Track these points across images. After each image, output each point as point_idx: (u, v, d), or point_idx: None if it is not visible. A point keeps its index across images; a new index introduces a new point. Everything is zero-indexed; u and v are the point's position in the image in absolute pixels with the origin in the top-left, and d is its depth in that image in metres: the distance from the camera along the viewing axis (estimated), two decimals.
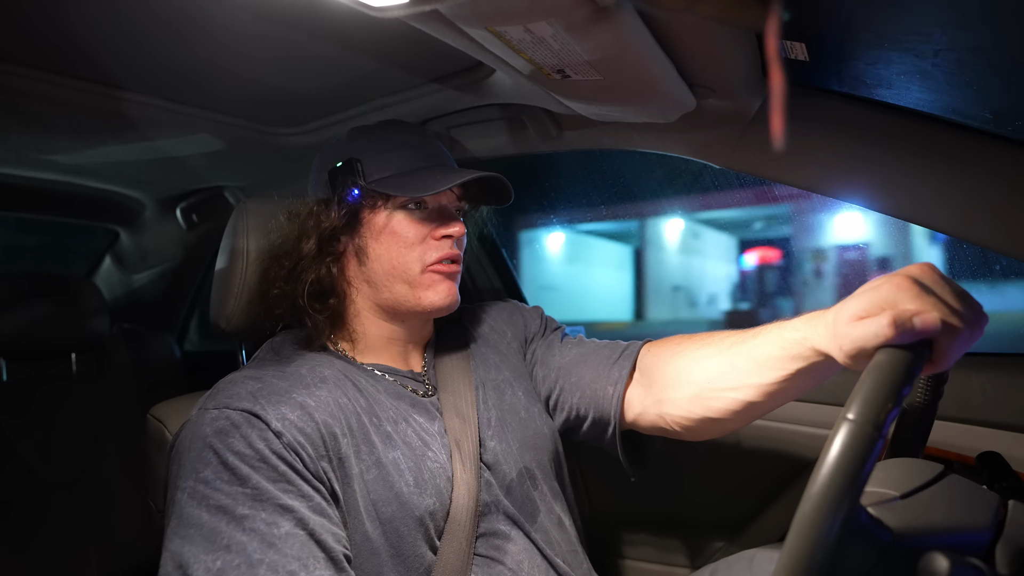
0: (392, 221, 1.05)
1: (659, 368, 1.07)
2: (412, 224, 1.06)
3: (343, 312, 1.09)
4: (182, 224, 2.18)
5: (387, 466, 0.94)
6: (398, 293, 1.06)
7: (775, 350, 0.85)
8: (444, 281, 1.07)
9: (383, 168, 1.06)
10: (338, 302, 1.07)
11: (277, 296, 1.07)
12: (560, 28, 0.79)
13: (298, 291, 1.05)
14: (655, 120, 1.16)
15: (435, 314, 1.10)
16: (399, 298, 1.06)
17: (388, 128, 1.13)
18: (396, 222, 1.05)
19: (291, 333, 1.10)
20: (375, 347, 1.10)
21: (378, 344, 1.10)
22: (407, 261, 1.05)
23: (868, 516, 0.60)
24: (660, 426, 1.07)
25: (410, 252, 1.05)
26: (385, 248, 1.05)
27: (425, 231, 1.06)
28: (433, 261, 1.06)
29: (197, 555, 0.77)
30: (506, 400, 1.14)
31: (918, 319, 0.62)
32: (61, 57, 1.10)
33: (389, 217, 1.06)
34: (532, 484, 1.09)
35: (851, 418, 0.55)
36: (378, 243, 1.06)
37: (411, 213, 1.06)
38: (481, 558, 0.98)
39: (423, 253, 1.06)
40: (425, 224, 1.07)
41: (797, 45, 0.96)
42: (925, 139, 1.05)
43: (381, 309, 1.09)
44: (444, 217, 1.08)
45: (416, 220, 1.06)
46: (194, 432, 0.86)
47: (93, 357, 2.04)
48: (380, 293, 1.07)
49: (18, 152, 1.53)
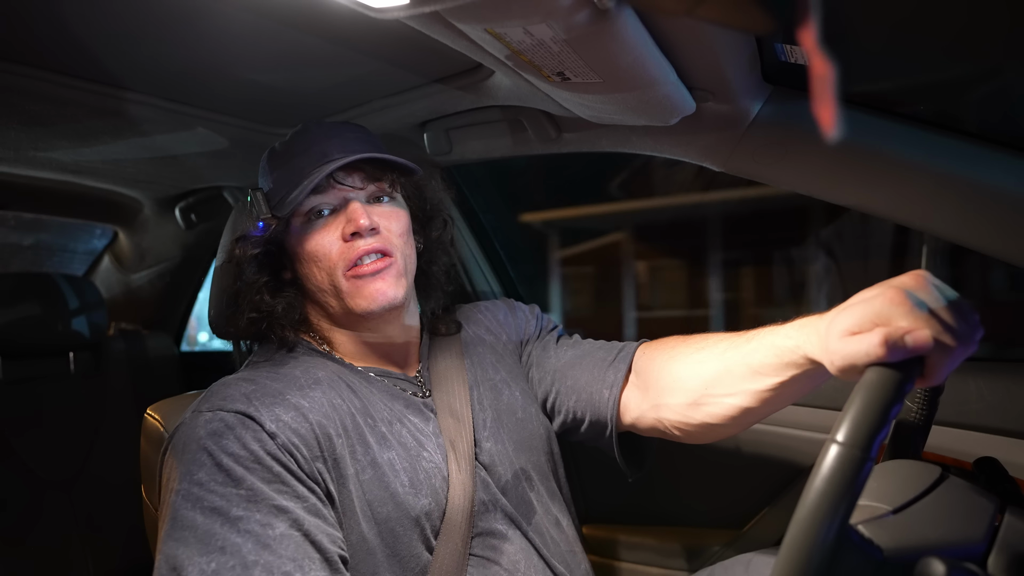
0: (303, 239, 1.04)
1: (655, 372, 1.07)
2: (319, 234, 1.02)
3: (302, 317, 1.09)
4: (181, 224, 2.18)
5: (382, 466, 0.94)
6: (336, 306, 1.05)
7: (769, 357, 0.85)
8: (368, 283, 1.01)
9: (279, 188, 1.04)
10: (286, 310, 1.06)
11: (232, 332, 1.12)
12: (560, 30, 0.79)
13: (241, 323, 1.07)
14: (654, 123, 1.16)
15: (377, 316, 1.04)
16: (340, 310, 1.05)
17: (290, 139, 1.09)
18: (306, 239, 1.03)
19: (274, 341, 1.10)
20: (364, 352, 1.09)
21: (366, 348, 1.09)
22: (326, 275, 1.02)
23: (859, 536, 0.60)
24: (658, 429, 1.07)
25: (324, 264, 1.02)
26: (307, 268, 1.04)
27: (333, 236, 1.02)
28: (349, 264, 1.01)
29: (192, 557, 0.77)
30: (503, 400, 1.14)
31: (910, 338, 0.62)
32: (60, 56, 1.10)
33: (298, 235, 1.04)
34: (528, 485, 1.09)
35: (840, 440, 0.55)
36: (301, 265, 1.05)
37: (314, 224, 1.03)
38: (477, 558, 0.98)
39: (336, 260, 1.01)
40: (331, 229, 1.02)
41: (796, 49, 0.96)
42: (924, 143, 1.05)
43: (340, 321, 1.08)
44: (347, 214, 1.02)
45: (321, 229, 1.02)
46: (188, 434, 0.85)
47: (91, 356, 2.04)
48: (327, 310, 1.07)
49: (17, 151, 1.53)
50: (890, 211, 1.09)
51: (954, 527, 0.67)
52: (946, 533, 0.66)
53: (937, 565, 0.56)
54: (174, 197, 2.13)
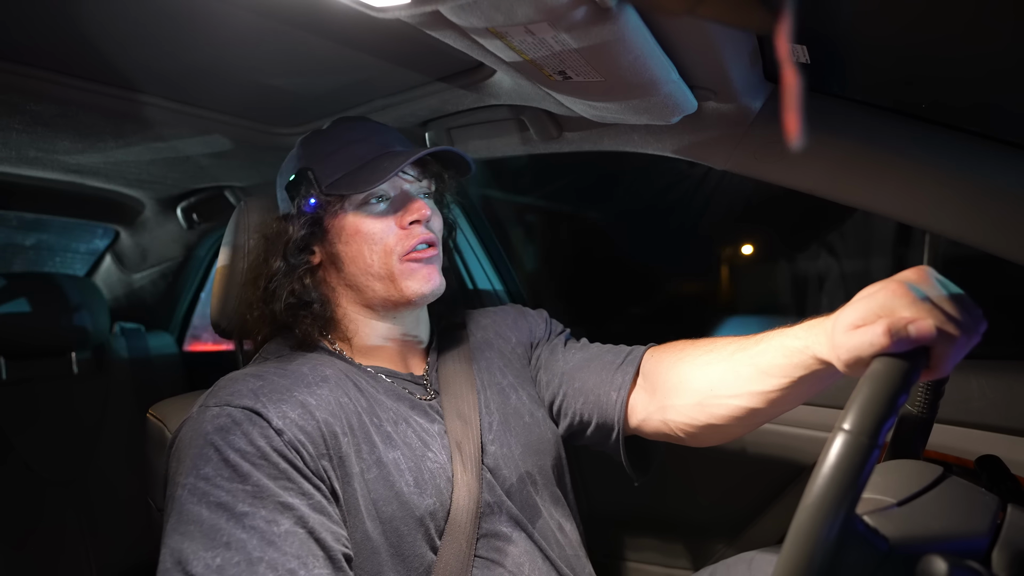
0: (357, 221, 1.05)
1: (662, 374, 1.07)
2: (376, 219, 1.05)
3: (330, 315, 1.08)
4: (182, 223, 2.18)
5: (387, 465, 0.94)
6: (379, 290, 1.05)
7: (777, 358, 0.85)
8: (422, 267, 1.06)
9: (335, 170, 1.05)
10: (322, 307, 1.07)
11: (258, 318, 1.08)
12: (561, 29, 0.79)
13: (276, 309, 1.05)
14: (656, 122, 1.16)
15: (421, 302, 1.08)
16: (382, 295, 1.06)
17: (336, 128, 1.12)
18: (360, 221, 1.05)
19: (290, 337, 1.10)
20: (373, 349, 1.10)
21: (376, 346, 1.10)
22: (380, 257, 1.04)
23: (864, 525, 0.60)
24: (664, 432, 1.07)
25: (379, 248, 1.04)
26: (356, 249, 1.05)
27: (391, 222, 1.05)
28: (406, 250, 1.05)
29: (196, 552, 0.77)
30: (510, 404, 1.14)
31: (913, 327, 0.62)
32: (62, 56, 1.10)
33: (354, 218, 1.05)
34: (534, 488, 1.09)
35: (846, 428, 0.55)
36: (348, 246, 1.05)
37: (372, 208, 1.05)
38: (482, 559, 0.98)
39: (395, 244, 1.04)
40: (389, 216, 1.06)
41: (799, 48, 0.96)
42: (927, 142, 1.05)
43: (369, 308, 1.08)
44: (407, 203, 1.06)
45: (379, 214, 1.05)
46: (195, 429, 0.85)
47: (93, 356, 2.04)
48: (363, 294, 1.07)
49: (19, 151, 1.53)
50: (892, 209, 1.09)
51: (957, 522, 0.67)
52: (950, 526, 0.66)
53: (939, 563, 0.56)
54: (176, 197, 2.13)
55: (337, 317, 1.09)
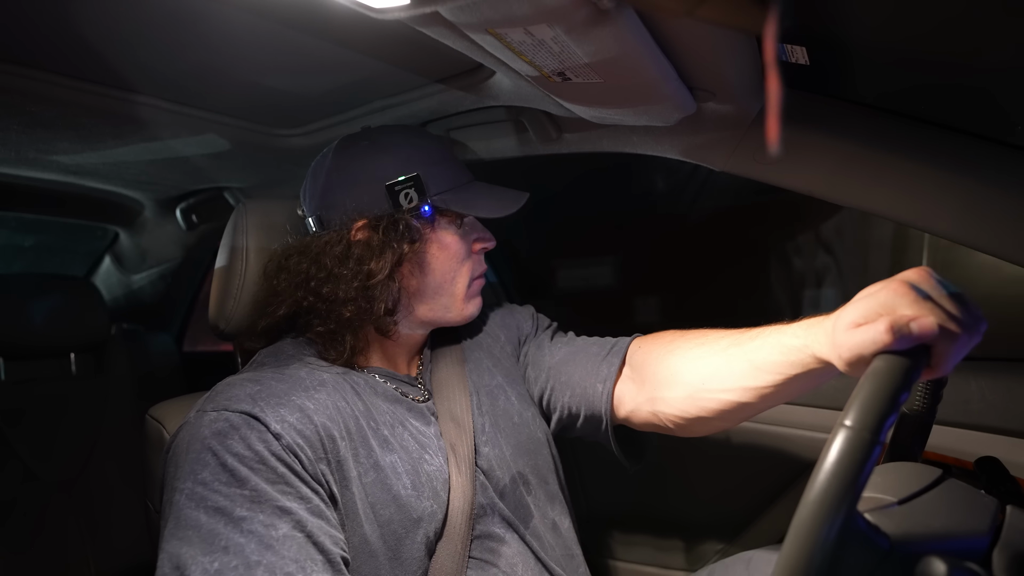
0: (447, 236, 1.09)
1: (652, 366, 1.07)
2: (458, 239, 1.10)
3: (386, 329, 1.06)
4: (182, 225, 2.18)
5: (385, 469, 0.94)
6: (442, 305, 1.09)
7: (774, 355, 0.85)
8: (477, 297, 1.14)
9: (438, 183, 1.07)
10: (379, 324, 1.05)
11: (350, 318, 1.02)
12: (560, 31, 0.79)
13: (373, 310, 1.02)
14: (655, 123, 1.16)
15: (464, 323, 1.14)
16: (440, 310, 1.09)
17: (423, 138, 1.13)
18: (448, 237, 1.09)
19: (290, 339, 1.10)
20: (372, 352, 1.10)
21: (376, 349, 1.10)
22: (459, 275, 1.09)
23: (865, 522, 0.60)
24: (653, 423, 1.08)
25: (460, 267, 1.09)
26: (440, 263, 1.08)
27: (467, 245, 1.11)
28: (477, 275, 1.12)
29: (195, 556, 0.77)
30: (499, 405, 1.14)
31: (915, 324, 0.63)
32: (62, 57, 1.10)
33: (444, 232, 1.09)
34: (526, 489, 1.09)
35: (848, 424, 0.55)
36: (436, 259, 1.08)
37: (457, 228, 1.10)
38: (476, 560, 0.99)
39: (470, 268, 1.11)
40: (467, 239, 1.11)
41: (798, 49, 0.96)
42: (925, 143, 1.05)
43: (416, 319, 1.10)
44: (479, 231, 1.13)
45: (463, 235, 1.11)
46: (192, 434, 0.85)
47: (92, 357, 2.04)
48: (424, 305, 1.08)
49: (18, 152, 1.53)
50: (891, 211, 1.09)
51: (958, 521, 0.67)
52: (950, 525, 0.66)
53: (939, 564, 0.56)
54: (175, 198, 2.13)
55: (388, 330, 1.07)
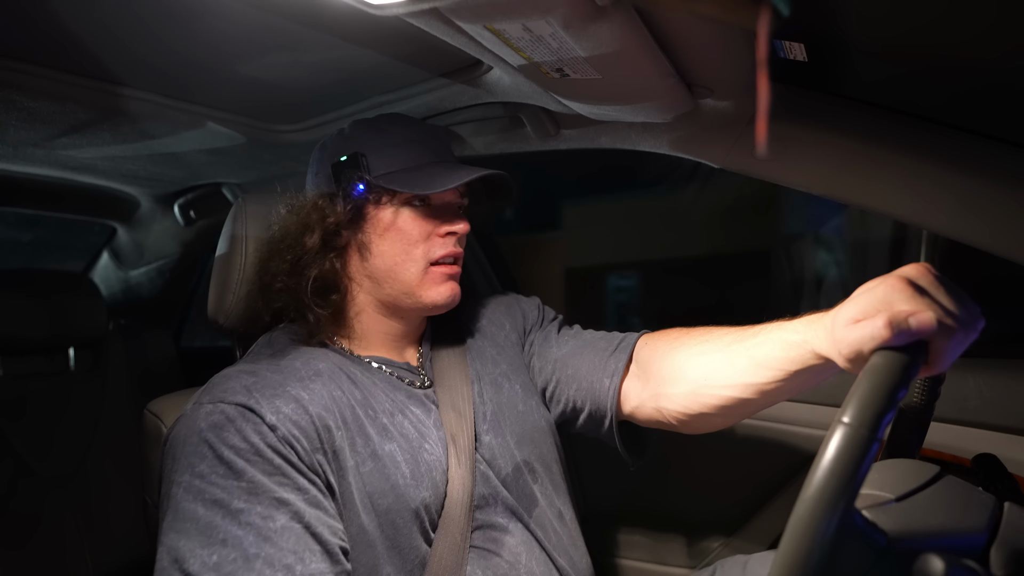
0: (397, 218, 1.05)
1: (656, 362, 1.07)
2: (417, 221, 1.06)
3: (345, 308, 1.09)
4: (180, 220, 2.17)
5: (383, 458, 0.94)
6: (399, 290, 1.06)
7: (775, 351, 0.85)
8: (446, 281, 1.08)
9: (388, 163, 1.06)
10: (340, 298, 1.07)
11: (280, 290, 1.07)
12: (558, 27, 0.79)
13: (301, 286, 1.04)
14: (653, 119, 1.16)
15: (435, 312, 1.10)
16: (400, 295, 1.06)
17: (392, 122, 1.13)
18: (401, 219, 1.05)
19: (287, 328, 1.10)
20: (372, 340, 1.10)
21: (375, 338, 1.10)
22: (410, 258, 1.05)
23: (863, 519, 0.60)
24: (657, 419, 1.07)
25: (414, 249, 1.05)
26: (389, 245, 1.05)
27: (429, 228, 1.07)
28: (436, 258, 1.06)
29: (193, 549, 0.77)
30: (504, 394, 1.14)
31: (913, 319, 0.63)
32: (59, 52, 1.10)
33: (395, 214, 1.06)
34: (532, 477, 1.09)
35: (846, 421, 0.55)
36: (382, 239, 1.06)
37: (416, 210, 1.06)
38: (478, 550, 0.99)
39: (427, 250, 1.06)
40: (429, 221, 1.07)
41: (796, 46, 0.96)
42: (924, 140, 1.05)
43: (382, 305, 1.09)
44: (448, 214, 1.09)
45: (420, 217, 1.06)
46: (189, 426, 0.86)
47: (90, 353, 2.04)
48: (382, 289, 1.07)
49: (16, 147, 1.53)
50: (889, 207, 1.09)
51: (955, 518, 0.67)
52: (948, 522, 0.66)
53: (936, 562, 0.56)
54: (173, 194, 2.12)
55: (350, 312, 1.09)
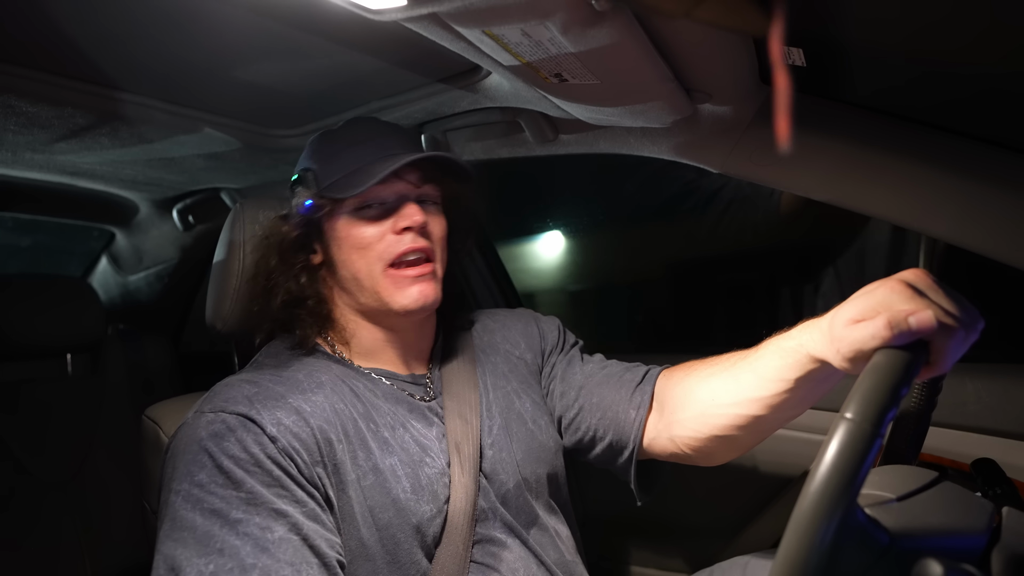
0: (348, 226, 1.03)
1: (669, 392, 1.07)
2: (367, 224, 1.03)
3: (327, 314, 1.08)
4: (178, 225, 2.17)
5: (384, 472, 0.93)
6: (370, 298, 1.04)
7: (774, 360, 0.86)
8: (412, 283, 1.02)
9: (334, 172, 1.04)
10: (317, 304, 1.07)
11: (258, 312, 1.09)
12: (557, 32, 0.79)
13: (273, 305, 1.06)
14: (652, 124, 1.16)
15: (409, 316, 1.05)
16: (372, 302, 1.04)
17: (346, 128, 1.11)
18: (352, 226, 1.03)
19: (288, 338, 1.10)
20: (373, 351, 1.09)
21: (376, 348, 1.09)
22: (367, 262, 1.02)
23: (865, 516, 0.60)
24: (671, 451, 1.06)
25: (369, 253, 1.02)
26: (347, 254, 1.04)
27: (383, 229, 1.02)
28: (393, 258, 1.01)
29: (190, 558, 0.77)
30: (513, 408, 1.13)
31: (914, 319, 0.63)
32: (58, 57, 1.10)
33: (346, 222, 1.03)
34: (531, 494, 1.08)
35: (849, 417, 0.55)
36: (340, 250, 1.04)
37: (366, 213, 1.03)
38: (477, 565, 0.98)
39: (382, 251, 1.02)
40: (382, 221, 1.03)
41: (795, 51, 0.96)
42: (923, 145, 1.05)
43: (364, 314, 1.08)
44: (400, 208, 1.03)
45: (370, 219, 1.03)
46: (189, 435, 0.85)
47: (88, 358, 2.03)
48: (356, 299, 1.06)
49: (15, 152, 1.53)
50: (888, 212, 1.09)
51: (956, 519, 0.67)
52: (949, 524, 0.66)
53: (935, 566, 0.56)
54: (172, 199, 2.12)
55: (335, 317, 1.09)
